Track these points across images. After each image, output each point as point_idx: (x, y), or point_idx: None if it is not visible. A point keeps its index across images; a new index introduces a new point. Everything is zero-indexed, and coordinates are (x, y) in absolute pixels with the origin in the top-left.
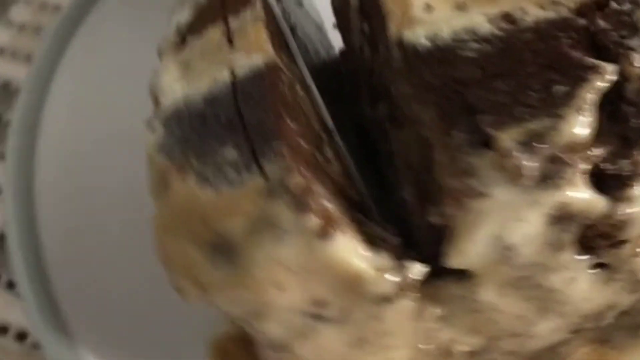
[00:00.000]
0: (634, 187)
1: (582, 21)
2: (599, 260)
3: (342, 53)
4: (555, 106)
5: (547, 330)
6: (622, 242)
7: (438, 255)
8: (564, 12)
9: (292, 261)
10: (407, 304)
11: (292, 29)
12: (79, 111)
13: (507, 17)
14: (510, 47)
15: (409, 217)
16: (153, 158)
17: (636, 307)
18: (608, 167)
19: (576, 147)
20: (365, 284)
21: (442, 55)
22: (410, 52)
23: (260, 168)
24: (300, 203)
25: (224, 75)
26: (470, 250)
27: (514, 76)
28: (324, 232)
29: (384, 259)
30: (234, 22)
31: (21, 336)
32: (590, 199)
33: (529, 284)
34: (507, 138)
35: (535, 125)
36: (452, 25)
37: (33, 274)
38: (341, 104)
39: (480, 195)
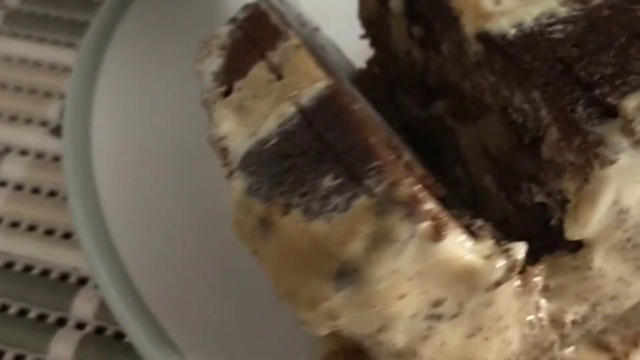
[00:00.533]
0: None
1: None
2: None
3: (372, 62)
4: None
5: (639, 288)
6: None
7: (534, 235)
8: None
9: (410, 269)
10: (513, 284)
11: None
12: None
13: None
14: (594, 23)
15: (490, 205)
16: (244, 204)
17: None
18: None
19: None
20: (478, 274)
21: (534, 40)
22: (497, 42)
23: (365, 188)
24: (411, 211)
25: (290, 109)
26: (593, 218)
27: (612, 48)
28: (437, 235)
29: (488, 247)
30: (274, 57)
31: None
32: None
33: (630, 245)
34: (630, 104)
35: None
36: (531, 13)
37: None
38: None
39: (610, 162)
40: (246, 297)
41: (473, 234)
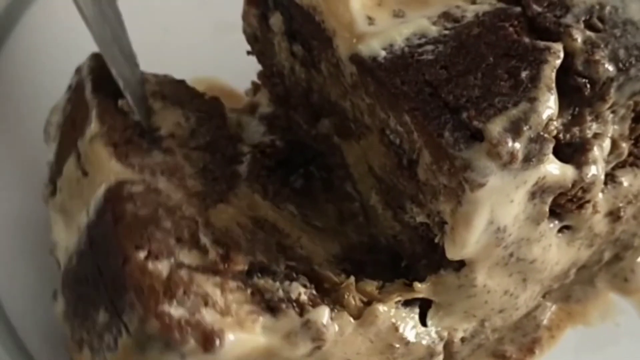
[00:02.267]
0: (593, 151)
1: (517, 9)
2: (564, 224)
3: (261, 77)
4: (529, 90)
5: (527, 299)
6: (586, 202)
7: (420, 255)
8: (496, 4)
9: None
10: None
11: None
12: None
13: (448, 16)
14: (463, 43)
15: (379, 222)
16: (63, 327)
17: (591, 259)
18: (564, 137)
19: (549, 124)
20: (281, 353)
21: (403, 62)
22: (370, 64)
23: (124, 325)
24: (169, 341)
25: (83, 220)
26: (470, 240)
27: (479, 69)
28: (210, 345)
29: (289, 322)
30: (81, 146)
31: None
32: (562, 169)
33: (514, 259)
34: (495, 128)
35: (516, 110)
36: (402, 33)
37: None
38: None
39: (479, 185)
40: None
41: (273, 309)
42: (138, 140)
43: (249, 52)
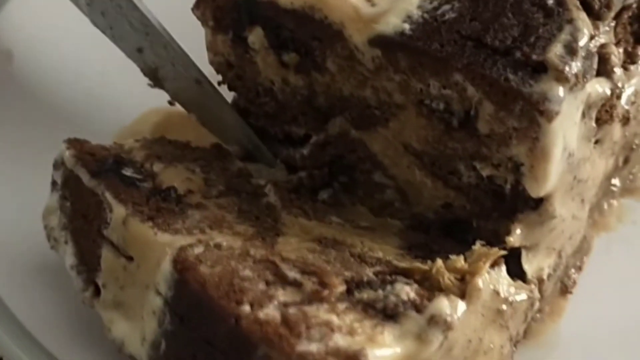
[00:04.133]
0: (612, 58)
1: None
2: (596, 138)
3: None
4: (562, 14)
5: (583, 219)
6: (615, 111)
7: (490, 209)
8: None
9: None
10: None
11: None
12: None
13: None
14: None
15: (424, 197)
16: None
17: (611, 168)
18: None
19: (592, 38)
20: (421, 353)
21: (431, 27)
22: (396, 40)
23: None
24: None
25: (157, 302)
26: (552, 171)
27: (507, 10)
28: None
29: (414, 325)
30: (112, 235)
31: None
32: (599, 82)
33: (575, 182)
34: (554, 56)
35: (564, 34)
36: (412, 3)
37: None
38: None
39: (556, 114)
40: None
41: (392, 316)
42: (166, 206)
43: (219, 83)
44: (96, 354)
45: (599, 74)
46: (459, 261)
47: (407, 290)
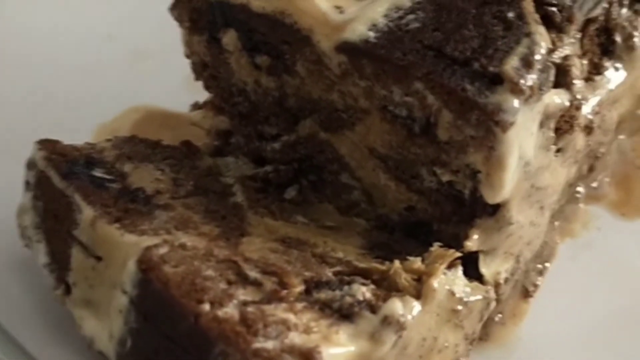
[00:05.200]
0: (572, 70)
1: None
2: (558, 146)
3: (213, 101)
4: (521, 27)
5: (543, 225)
6: (575, 122)
7: (450, 213)
8: None
9: None
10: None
11: None
12: None
13: None
14: (440, 5)
15: (389, 200)
16: None
17: (575, 176)
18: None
19: (549, 51)
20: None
21: (396, 36)
22: (361, 48)
23: None
24: None
25: (122, 300)
26: (507, 179)
27: (468, 22)
28: None
29: (368, 326)
30: (82, 235)
31: None
32: (558, 93)
33: (534, 189)
34: (510, 68)
35: (521, 47)
36: (379, 12)
37: None
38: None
39: (511, 124)
40: None
41: (348, 316)
42: (134, 207)
43: (195, 79)
44: (70, 350)
45: (558, 85)
46: (416, 262)
47: (363, 291)
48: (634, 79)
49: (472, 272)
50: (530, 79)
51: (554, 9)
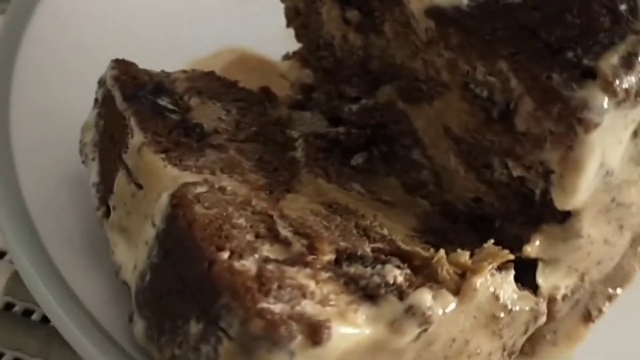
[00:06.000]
0: None
1: None
2: None
3: (300, 54)
4: (631, 23)
5: (621, 247)
6: None
7: (516, 212)
8: None
9: None
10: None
11: None
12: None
13: None
14: None
15: (457, 186)
16: (147, 349)
17: None
18: None
19: None
20: (387, 342)
21: (491, 8)
22: (451, 14)
23: (223, 330)
24: (275, 340)
25: (150, 233)
26: (582, 186)
27: (574, 7)
28: (318, 338)
29: (390, 311)
30: (129, 159)
31: None
32: None
33: (614, 204)
34: (607, 64)
35: (625, 44)
36: None
37: None
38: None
39: (595, 126)
40: None
41: (372, 297)
42: (186, 141)
43: (287, 25)
44: (95, 273)
45: None
46: (463, 256)
47: (395, 274)
48: None
49: (529, 281)
50: (628, 80)
51: None
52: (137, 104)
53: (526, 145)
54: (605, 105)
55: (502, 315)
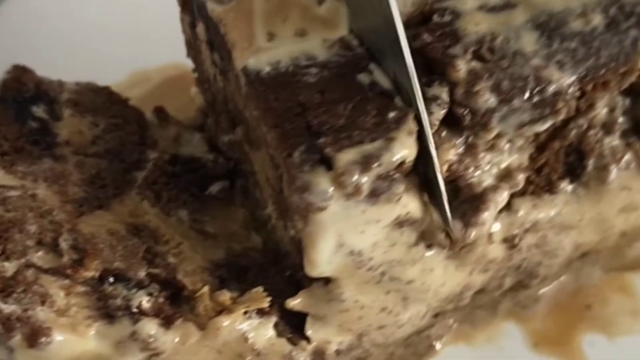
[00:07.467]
0: (486, 212)
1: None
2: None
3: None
4: (390, 130)
5: (412, 317)
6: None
7: (300, 266)
8: None
9: None
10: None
11: None
12: None
13: (344, 43)
14: (346, 73)
15: (274, 232)
16: None
17: (490, 284)
18: (458, 168)
19: (404, 165)
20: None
21: (285, 80)
22: (253, 78)
23: None
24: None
25: None
26: (318, 259)
27: (352, 100)
28: (35, 341)
29: (117, 331)
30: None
31: None
32: (424, 206)
33: (386, 278)
34: (344, 158)
35: (371, 147)
36: (291, 52)
37: None
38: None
39: (319, 209)
40: None
41: (110, 316)
42: (30, 149)
43: (187, 55)
44: None
45: (461, 216)
46: (223, 295)
47: (142, 300)
48: (597, 213)
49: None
50: (360, 179)
51: (464, 110)
52: (4, 107)
53: (290, 210)
54: (329, 192)
55: (248, 356)
